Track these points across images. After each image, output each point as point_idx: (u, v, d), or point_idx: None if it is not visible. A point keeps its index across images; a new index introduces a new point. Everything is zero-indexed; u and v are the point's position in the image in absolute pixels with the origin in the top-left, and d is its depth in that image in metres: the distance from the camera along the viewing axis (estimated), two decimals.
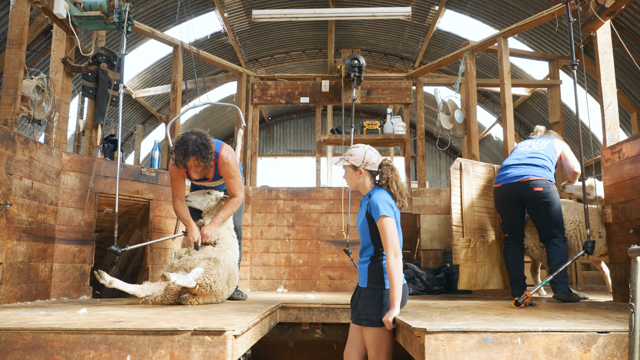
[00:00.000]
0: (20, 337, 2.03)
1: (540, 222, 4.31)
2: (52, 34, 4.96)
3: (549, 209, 4.20)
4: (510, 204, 4.37)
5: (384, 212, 2.67)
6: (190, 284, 3.40)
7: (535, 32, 9.27)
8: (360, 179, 2.85)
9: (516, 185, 4.28)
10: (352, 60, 6.49)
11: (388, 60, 13.61)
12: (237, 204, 4.03)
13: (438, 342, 2.03)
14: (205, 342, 2.01)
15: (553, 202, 4.22)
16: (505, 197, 4.38)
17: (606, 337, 2.05)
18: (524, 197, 4.27)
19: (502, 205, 4.46)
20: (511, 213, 4.41)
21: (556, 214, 4.23)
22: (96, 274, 3.34)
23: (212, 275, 3.51)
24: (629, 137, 4.67)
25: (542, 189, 4.19)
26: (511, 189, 4.32)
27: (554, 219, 4.22)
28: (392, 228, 2.66)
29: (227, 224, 4.07)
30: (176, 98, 6.11)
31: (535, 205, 4.23)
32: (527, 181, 4.23)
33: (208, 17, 10.82)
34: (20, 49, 4.08)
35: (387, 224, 2.66)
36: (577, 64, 3.87)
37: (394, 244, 2.63)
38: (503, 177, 4.42)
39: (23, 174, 3.86)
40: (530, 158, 4.39)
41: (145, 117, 13.32)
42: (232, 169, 3.92)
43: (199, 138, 3.68)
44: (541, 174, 4.27)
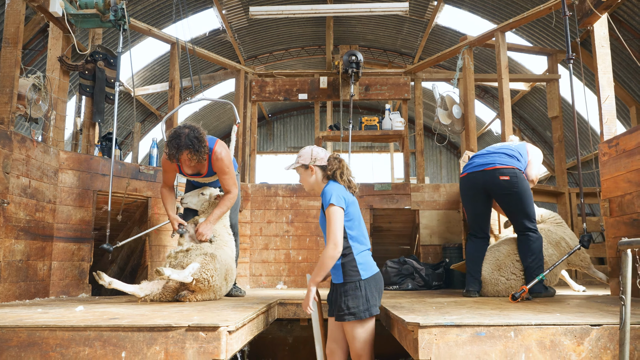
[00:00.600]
0: (16, 335, 2.04)
1: (510, 214, 4.05)
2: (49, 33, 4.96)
3: (518, 200, 3.93)
4: (475, 194, 4.07)
5: (333, 200, 2.68)
6: (187, 279, 3.40)
7: (534, 27, 9.25)
8: (313, 176, 2.88)
9: (481, 174, 3.98)
10: (349, 56, 6.49)
11: (387, 56, 13.59)
12: (231, 200, 4.03)
13: (431, 337, 2.03)
14: (199, 338, 2.02)
15: (522, 192, 3.94)
16: (470, 187, 4.08)
17: (599, 330, 2.05)
18: (489, 187, 3.97)
19: (466, 196, 4.15)
20: (475, 204, 4.11)
21: (527, 205, 3.95)
22: (95, 275, 3.35)
23: (209, 270, 3.51)
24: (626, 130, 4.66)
25: (508, 178, 3.88)
26: (476, 178, 4.01)
27: (525, 210, 3.95)
28: (338, 218, 2.67)
29: (222, 222, 4.07)
30: (174, 95, 6.11)
31: (502, 195, 3.95)
32: (492, 169, 3.93)
33: (206, 14, 10.81)
34: (16, 48, 4.08)
35: (333, 212, 2.67)
36: (573, 57, 3.88)
37: (335, 236, 2.63)
38: (468, 166, 4.15)
39: (20, 172, 3.87)
40: (499, 149, 4.13)
41: (145, 115, 13.33)
42: (225, 165, 3.92)
43: (191, 132, 3.67)
44: (508, 162, 3.96)
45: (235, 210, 4.40)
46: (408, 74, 7.12)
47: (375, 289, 2.74)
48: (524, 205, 3.94)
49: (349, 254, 2.73)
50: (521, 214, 3.94)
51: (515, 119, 12.78)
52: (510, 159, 3.97)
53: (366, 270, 2.73)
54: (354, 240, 2.76)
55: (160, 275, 3.32)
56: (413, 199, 6.40)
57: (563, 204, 6.68)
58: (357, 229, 2.79)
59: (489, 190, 3.99)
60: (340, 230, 2.66)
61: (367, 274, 2.72)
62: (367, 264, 2.76)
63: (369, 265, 2.76)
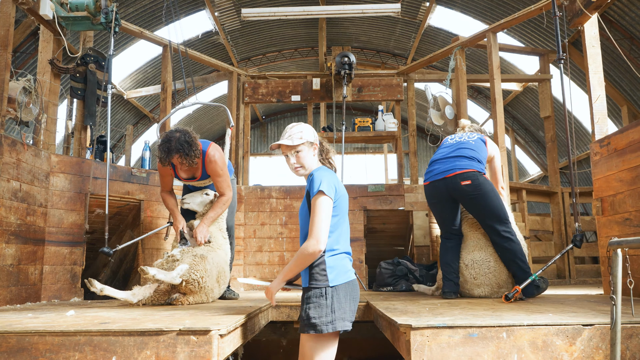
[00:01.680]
0: (5, 340, 2.02)
1: (480, 219, 3.90)
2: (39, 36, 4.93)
3: (484, 202, 3.80)
4: (440, 201, 3.99)
5: (323, 187, 2.30)
6: (174, 280, 3.38)
7: (526, 27, 9.30)
8: (315, 156, 2.53)
9: (442, 182, 3.89)
10: (342, 57, 6.49)
11: (380, 57, 13.62)
12: (225, 203, 4.03)
13: (424, 338, 2.03)
14: (190, 342, 2.01)
15: (486, 194, 3.80)
16: (434, 195, 3.99)
17: (591, 330, 2.06)
18: (453, 193, 3.88)
19: (432, 204, 4.07)
20: (442, 210, 4.03)
21: (494, 206, 3.80)
22: (87, 283, 3.32)
23: (199, 271, 3.49)
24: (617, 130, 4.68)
25: (470, 182, 3.77)
26: (438, 187, 3.92)
27: (493, 212, 3.80)
28: (325, 209, 2.29)
29: (218, 225, 4.06)
30: (166, 98, 6.09)
31: (467, 200, 3.86)
32: (453, 176, 3.82)
33: (199, 16, 10.80)
34: (5, 51, 4.05)
35: (321, 202, 2.29)
36: (564, 57, 3.89)
37: (319, 230, 2.26)
38: (430, 173, 4.03)
39: (11, 176, 3.84)
40: (456, 150, 4.00)
41: (137, 117, 13.28)
42: (219, 167, 3.91)
43: (182, 135, 3.67)
44: (468, 165, 3.85)
45: (232, 213, 4.40)
46: (401, 75, 7.13)
47: (346, 300, 2.33)
48: (491, 206, 3.80)
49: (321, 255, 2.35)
50: (490, 216, 3.80)
51: (507, 119, 12.83)
52: (469, 162, 3.87)
53: (337, 276, 2.32)
54: (331, 239, 2.36)
55: (145, 274, 3.29)
56: (407, 199, 6.41)
57: (556, 204, 6.71)
58: (339, 228, 2.40)
59: (453, 197, 3.92)
60: (326, 224, 2.28)
61: (338, 281, 2.32)
62: (339, 268, 2.35)
63: (341, 270, 2.35)
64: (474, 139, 4.09)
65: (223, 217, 4.16)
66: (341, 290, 2.32)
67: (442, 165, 3.94)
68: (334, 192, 2.36)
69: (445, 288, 3.83)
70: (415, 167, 6.92)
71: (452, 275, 3.85)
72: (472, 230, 4.06)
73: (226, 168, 4.01)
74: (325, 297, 2.28)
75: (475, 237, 4.02)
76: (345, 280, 2.35)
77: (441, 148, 4.15)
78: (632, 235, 3.74)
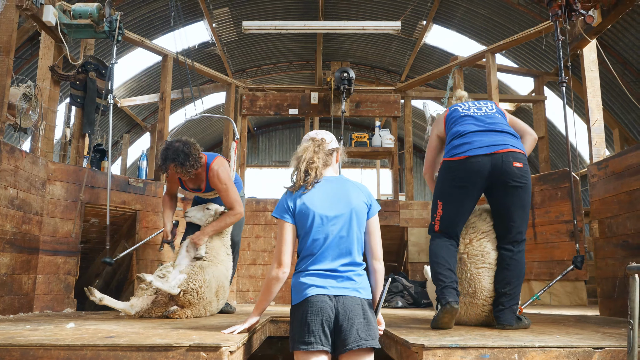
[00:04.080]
0: (8, 354, 1.97)
1: (509, 217, 2.97)
2: (39, 41, 4.90)
3: (524, 197, 2.95)
4: (475, 185, 2.95)
5: (274, 212, 2.41)
6: (173, 290, 3.34)
7: (521, 49, 9.44)
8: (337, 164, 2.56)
9: (489, 158, 2.88)
10: (342, 72, 6.53)
11: (375, 73, 13.73)
12: (231, 217, 3.94)
13: (436, 358, 2.01)
14: (200, 358, 1.97)
15: (530, 188, 2.98)
16: (470, 175, 2.92)
17: (601, 353, 2.06)
18: (498, 176, 2.90)
19: (460, 187, 2.97)
20: (466, 197, 2.99)
21: (528, 207, 3.01)
22: (86, 291, 3.27)
23: (197, 281, 3.44)
24: (613, 153, 4.75)
25: (522, 165, 2.91)
26: (481, 164, 2.89)
27: (525, 213, 3.00)
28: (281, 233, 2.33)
29: (222, 240, 3.98)
30: (165, 108, 6.06)
31: (510, 188, 2.91)
32: (505, 153, 2.88)
33: (196, 27, 10.83)
34: (7, 57, 4.02)
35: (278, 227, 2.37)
36: (565, 81, 3.94)
37: (277, 254, 2.32)
38: (467, 145, 2.96)
39: (8, 183, 3.78)
40: (496, 124, 3.06)
41: (130, 126, 13.20)
42: (221, 182, 3.87)
43: (182, 145, 3.68)
44: (518, 144, 2.98)
45: (240, 228, 4.34)
46: (398, 91, 7.19)
47: (299, 320, 2.20)
48: (527, 206, 3.00)
49: (296, 273, 2.33)
50: (521, 217, 2.98)
51: None
52: (517, 140, 3.00)
53: (295, 294, 2.27)
54: (299, 258, 2.35)
55: (142, 281, 3.25)
56: (402, 215, 6.42)
57: None
58: (307, 245, 2.31)
59: (493, 181, 2.94)
60: (283, 247, 2.31)
61: (295, 299, 2.27)
62: (296, 287, 2.27)
63: (299, 289, 2.26)
64: (498, 112, 3.17)
65: (228, 231, 4.08)
66: (297, 310, 2.24)
67: (485, 137, 2.96)
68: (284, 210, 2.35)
69: (449, 297, 2.78)
70: (411, 184, 6.94)
71: (454, 284, 2.88)
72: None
73: (230, 182, 3.95)
74: (290, 316, 2.29)
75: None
76: (300, 299, 2.24)
77: (466, 117, 3.12)
78: (630, 257, 3.78)
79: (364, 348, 2.18)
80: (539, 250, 5.67)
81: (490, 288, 2.93)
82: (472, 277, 2.97)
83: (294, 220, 2.33)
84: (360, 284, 2.31)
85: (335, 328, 2.19)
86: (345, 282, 2.26)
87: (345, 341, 2.16)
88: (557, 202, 5.45)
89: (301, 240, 2.32)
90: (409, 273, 6.30)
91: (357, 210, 2.35)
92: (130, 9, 9.09)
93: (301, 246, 2.33)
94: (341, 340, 2.17)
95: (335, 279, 2.25)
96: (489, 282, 2.94)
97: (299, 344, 2.16)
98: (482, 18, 9.55)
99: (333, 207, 2.32)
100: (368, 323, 2.23)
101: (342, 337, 2.17)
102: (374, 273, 2.43)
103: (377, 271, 2.43)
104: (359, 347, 2.16)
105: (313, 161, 2.40)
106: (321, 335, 2.15)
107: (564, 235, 5.37)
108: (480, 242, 3.02)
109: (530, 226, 5.70)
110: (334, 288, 2.23)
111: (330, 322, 2.18)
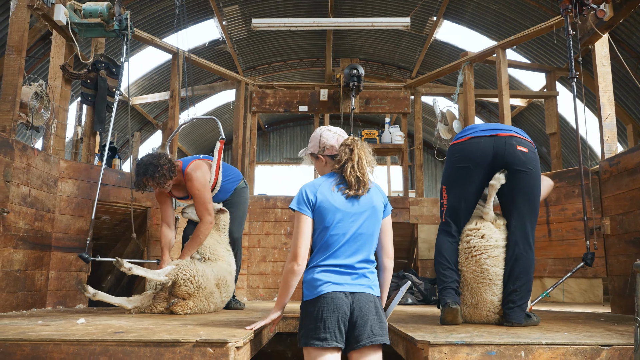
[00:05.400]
0: (20, 348, 2.00)
1: (514, 206, 2.89)
2: (50, 40, 4.96)
3: (532, 185, 2.86)
4: (478, 166, 2.88)
5: (292, 204, 2.34)
6: (159, 277, 3.39)
7: (532, 44, 9.35)
8: (326, 168, 2.49)
9: (491, 139, 2.85)
10: (351, 69, 6.52)
11: (385, 70, 13.69)
12: (202, 229, 3.81)
13: (442, 355, 2.01)
14: (207, 354, 1.99)
15: (537, 177, 2.89)
16: (473, 155, 2.88)
17: (609, 351, 2.04)
18: (500, 158, 2.84)
19: (463, 169, 2.92)
20: (471, 180, 2.91)
21: (537, 198, 2.90)
22: (80, 288, 3.35)
23: (188, 271, 3.47)
24: (626, 149, 4.69)
25: (527, 151, 2.84)
26: (483, 144, 2.86)
27: (534, 205, 2.89)
28: (298, 226, 2.29)
29: (215, 238, 3.98)
30: (175, 106, 6.10)
31: (514, 172, 2.84)
32: (508, 136, 2.85)
33: (206, 24, 10.87)
34: (19, 56, 4.06)
35: (295, 219, 2.32)
36: (576, 76, 3.89)
37: (293, 247, 2.28)
38: (470, 130, 2.99)
39: (21, 181, 3.83)
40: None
41: (142, 124, 13.31)
42: (195, 186, 3.80)
43: (150, 158, 3.72)
44: (526, 135, 2.94)
45: (240, 225, 4.34)
46: (408, 88, 7.16)
47: (313, 316, 2.19)
48: (535, 196, 2.89)
49: (308, 269, 2.33)
50: (530, 208, 2.88)
51: None
52: (523, 132, 2.95)
53: (309, 290, 2.26)
54: (313, 253, 2.35)
55: (120, 265, 3.28)
56: (412, 212, 6.40)
57: None
58: (322, 240, 2.31)
59: (496, 166, 2.88)
60: (299, 241, 2.27)
61: (308, 295, 2.25)
62: (309, 283, 2.27)
63: (311, 285, 2.26)
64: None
65: (225, 228, 4.09)
66: (309, 306, 2.23)
67: (489, 125, 2.99)
68: (306, 204, 2.32)
69: (448, 298, 2.80)
70: (421, 181, 6.92)
71: (454, 283, 2.88)
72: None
73: (205, 188, 3.86)
74: (301, 312, 2.28)
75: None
76: (315, 295, 2.22)
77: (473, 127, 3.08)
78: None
79: (376, 344, 2.22)
80: (553, 248, 5.62)
81: (493, 300, 2.87)
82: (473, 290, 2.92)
83: (312, 214, 2.32)
84: (373, 281, 2.35)
85: (349, 324, 2.21)
86: (360, 279, 2.29)
87: (359, 337, 2.20)
88: (575, 200, 5.39)
89: (318, 235, 2.32)
90: (419, 270, 6.28)
91: (376, 208, 2.38)
92: (141, 8, 9.15)
93: (317, 240, 2.32)
94: (354, 337, 2.21)
95: (350, 276, 2.27)
96: (491, 295, 2.88)
97: (313, 340, 2.16)
98: (493, 13, 9.47)
99: (355, 203, 2.33)
100: (380, 320, 2.27)
101: (355, 333, 2.20)
102: (385, 271, 2.48)
103: (387, 269, 2.48)
104: (372, 344, 2.20)
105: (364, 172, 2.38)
106: (336, 331, 2.16)
107: (582, 232, 5.31)
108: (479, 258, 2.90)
109: (545, 223, 5.66)
110: (349, 285, 2.25)
111: (346, 319, 2.20)
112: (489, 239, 2.90)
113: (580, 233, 5.31)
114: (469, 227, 2.98)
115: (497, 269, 2.87)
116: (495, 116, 13.21)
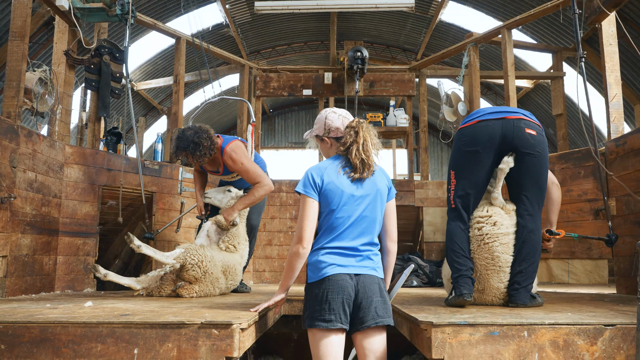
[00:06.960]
0: (28, 331, 2.04)
1: (523, 183, 2.88)
2: (53, 26, 4.94)
3: (541, 168, 2.86)
4: (486, 150, 2.86)
5: (298, 187, 2.34)
6: (167, 260, 3.44)
7: (539, 24, 9.22)
8: (331, 150, 2.50)
9: (499, 122, 2.83)
10: (355, 52, 6.47)
11: (390, 52, 13.55)
12: (259, 190, 3.88)
13: (445, 336, 2.03)
14: (212, 336, 2.02)
15: (546, 160, 2.88)
16: (481, 138, 2.86)
17: (612, 330, 2.05)
18: (510, 141, 2.82)
19: (471, 153, 2.89)
20: (480, 164, 2.89)
21: (544, 181, 2.93)
22: (91, 269, 3.40)
23: (196, 256, 3.50)
24: (633, 129, 4.65)
25: (535, 133, 2.82)
26: (491, 127, 2.84)
27: (541, 188, 2.90)
28: (304, 209, 2.29)
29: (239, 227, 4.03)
30: (179, 90, 6.08)
31: (522, 155, 2.82)
32: (516, 119, 2.83)
33: (210, 8, 10.76)
34: (22, 41, 4.06)
35: (300, 202, 2.32)
36: (584, 56, 3.83)
37: (297, 229, 2.28)
38: (477, 114, 2.98)
39: (27, 166, 3.86)
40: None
41: (147, 109, 13.28)
42: (236, 163, 3.88)
43: (192, 134, 3.75)
44: (534, 118, 2.94)
45: (259, 213, 4.36)
46: (413, 70, 7.10)
47: (318, 298, 2.21)
48: (543, 180, 2.90)
49: (312, 252, 2.33)
50: (537, 191, 2.89)
51: None
52: (532, 115, 2.95)
53: (314, 272, 2.27)
54: (318, 236, 2.35)
55: (131, 243, 3.35)
56: (417, 195, 6.40)
57: None
58: (328, 222, 2.31)
59: (504, 149, 2.86)
60: (304, 223, 2.27)
61: (313, 277, 2.26)
62: (313, 265, 2.28)
63: (315, 267, 2.27)
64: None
65: (244, 216, 4.12)
66: (314, 288, 2.24)
67: (497, 108, 2.98)
68: (312, 186, 2.32)
69: (464, 289, 2.75)
70: (426, 164, 6.90)
71: (469, 272, 2.84)
72: None
73: (247, 159, 3.94)
74: (305, 294, 2.31)
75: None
76: (320, 276, 2.23)
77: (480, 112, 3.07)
78: None
79: (381, 325, 2.25)
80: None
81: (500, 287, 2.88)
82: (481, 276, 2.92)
83: (319, 197, 2.33)
84: (377, 263, 2.38)
85: (354, 306, 2.24)
86: (364, 261, 2.32)
87: (364, 319, 2.23)
88: (580, 181, 5.37)
89: (324, 217, 2.33)
90: (424, 252, 6.30)
91: (381, 191, 2.40)
92: None
93: (322, 223, 2.34)
94: (359, 318, 2.24)
95: (355, 258, 2.29)
96: (498, 282, 2.89)
97: (318, 322, 2.18)
98: None
99: (360, 186, 2.34)
100: (385, 301, 2.30)
101: (360, 314, 2.23)
102: (388, 254, 2.52)
103: (391, 252, 2.52)
104: (376, 325, 2.23)
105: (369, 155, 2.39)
106: (341, 313, 2.19)
107: (587, 214, 5.29)
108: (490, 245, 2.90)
109: None
110: (353, 267, 2.27)
111: (350, 301, 2.23)
112: (501, 226, 2.89)
113: (586, 214, 5.29)
114: (480, 214, 2.97)
115: (507, 256, 2.87)
116: (501, 98, 13.08)
